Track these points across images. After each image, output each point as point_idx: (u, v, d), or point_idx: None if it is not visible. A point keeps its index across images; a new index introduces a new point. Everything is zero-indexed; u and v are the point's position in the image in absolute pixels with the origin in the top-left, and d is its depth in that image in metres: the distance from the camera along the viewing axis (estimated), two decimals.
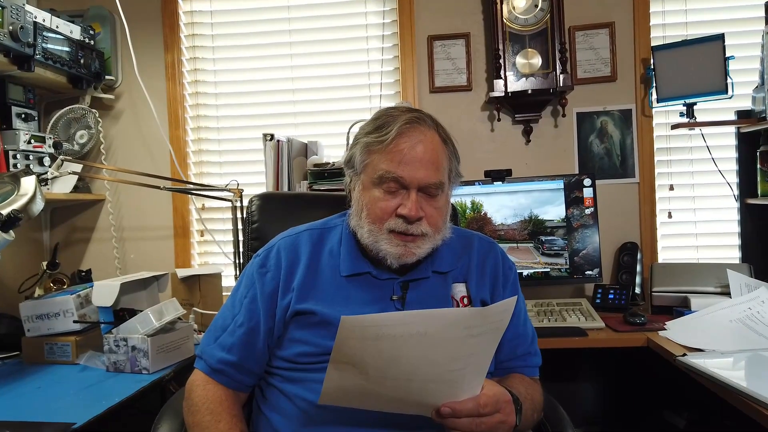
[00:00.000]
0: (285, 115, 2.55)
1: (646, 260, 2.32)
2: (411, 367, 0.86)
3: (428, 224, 1.09)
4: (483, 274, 1.20)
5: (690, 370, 1.47)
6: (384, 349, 0.84)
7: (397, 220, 1.08)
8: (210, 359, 1.14)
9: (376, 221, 1.10)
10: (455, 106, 2.44)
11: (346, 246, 1.17)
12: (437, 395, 0.89)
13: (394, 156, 1.08)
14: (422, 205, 1.08)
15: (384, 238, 1.09)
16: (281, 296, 1.13)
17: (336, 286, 1.14)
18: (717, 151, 2.31)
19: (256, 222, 1.51)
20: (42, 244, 2.53)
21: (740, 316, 1.73)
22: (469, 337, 0.84)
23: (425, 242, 1.10)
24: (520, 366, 1.19)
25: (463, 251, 1.22)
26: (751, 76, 2.22)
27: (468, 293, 1.17)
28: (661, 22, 2.37)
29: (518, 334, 1.19)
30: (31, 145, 2.08)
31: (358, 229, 1.14)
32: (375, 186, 1.10)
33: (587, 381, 2.36)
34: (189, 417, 1.11)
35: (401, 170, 1.07)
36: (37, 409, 1.40)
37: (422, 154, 1.08)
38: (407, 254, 1.09)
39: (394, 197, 1.09)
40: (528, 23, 2.30)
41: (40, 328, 1.80)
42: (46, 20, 2.06)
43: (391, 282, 1.14)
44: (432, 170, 1.09)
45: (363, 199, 1.13)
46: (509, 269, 1.25)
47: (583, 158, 2.40)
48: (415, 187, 1.08)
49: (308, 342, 1.10)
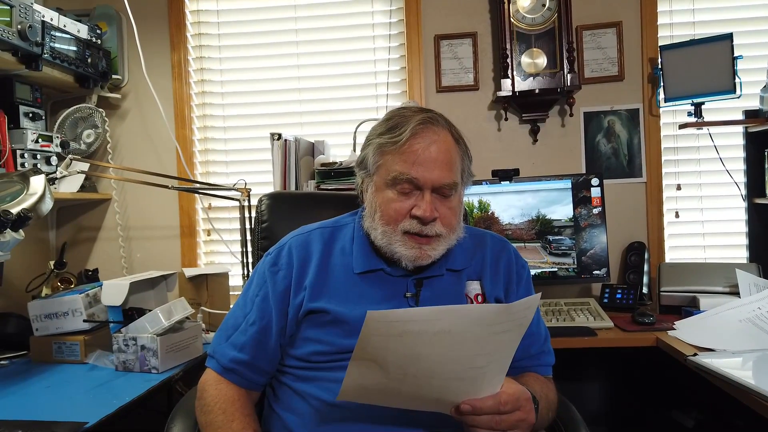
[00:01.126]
0: (291, 114, 2.55)
1: (654, 260, 2.31)
2: (433, 364, 0.85)
3: (442, 225, 1.09)
4: (497, 272, 1.20)
5: (701, 370, 1.46)
6: (408, 345, 0.83)
7: (412, 221, 1.08)
8: (222, 358, 1.13)
9: (391, 222, 1.09)
10: (462, 105, 2.44)
11: (359, 244, 1.17)
12: (458, 392, 0.89)
13: (408, 157, 1.07)
14: (436, 206, 1.08)
15: (398, 240, 1.09)
16: (293, 295, 1.13)
17: (349, 283, 1.13)
18: (724, 151, 2.31)
19: (265, 221, 1.51)
20: (49, 244, 2.53)
21: (749, 316, 1.72)
22: (492, 334, 0.84)
23: (440, 243, 1.10)
24: (535, 365, 1.19)
25: (476, 249, 1.22)
26: (759, 75, 2.22)
27: (482, 291, 1.16)
28: (669, 22, 2.37)
29: (532, 333, 1.18)
30: (38, 145, 2.08)
31: (372, 230, 1.13)
32: (389, 187, 1.10)
33: (595, 380, 2.36)
34: (202, 416, 1.10)
35: (415, 171, 1.07)
36: (47, 409, 1.40)
37: (436, 155, 1.08)
38: (422, 257, 1.09)
39: (408, 198, 1.09)
40: (535, 22, 2.29)
41: (49, 328, 1.80)
42: (53, 19, 2.06)
43: (405, 279, 1.14)
44: (446, 171, 1.09)
45: (376, 201, 1.12)
46: (522, 268, 1.24)
47: (591, 158, 2.40)
48: (429, 188, 1.07)
49: (321, 341, 1.10)
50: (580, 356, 2.14)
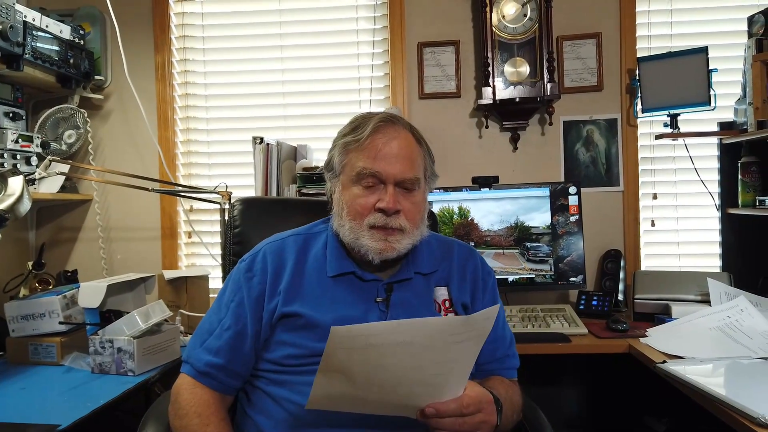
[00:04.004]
0: (275, 118, 2.56)
1: (630, 267, 2.35)
2: (397, 373, 0.88)
3: (406, 219, 1.13)
4: (463, 278, 1.23)
5: (668, 377, 1.50)
6: (372, 357, 0.86)
7: (377, 214, 1.12)
8: (197, 363, 1.14)
9: (357, 217, 1.14)
10: (444, 112, 2.47)
11: (332, 248, 1.20)
12: (422, 398, 0.92)
13: (370, 152, 1.13)
14: (399, 200, 1.13)
15: (365, 234, 1.13)
16: (268, 300, 1.15)
17: (321, 288, 1.16)
18: (699, 162, 2.35)
19: (238, 226, 1.49)
20: (28, 244, 2.51)
21: (719, 324, 1.77)
22: (453, 344, 0.87)
23: (404, 237, 1.13)
24: (499, 368, 1.22)
25: (444, 257, 1.25)
26: (733, 88, 2.27)
27: (450, 296, 1.20)
28: (647, 34, 2.41)
29: (497, 338, 1.22)
30: (18, 145, 2.07)
31: (340, 228, 1.17)
32: (354, 184, 1.15)
33: (569, 386, 2.39)
34: (176, 420, 1.11)
35: (377, 165, 1.12)
36: (21, 411, 1.40)
37: (398, 150, 1.14)
38: (387, 249, 1.12)
39: (373, 193, 1.13)
40: (517, 32, 2.33)
41: (25, 329, 1.80)
42: (35, 19, 2.05)
43: (376, 284, 1.17)
44: (407, 165, 1.14)
45: (343, 199, 1.17)
46: (488, 275, 1.28)
47: (569, 166, 2.43)
48: (392, 181, 1.13)
49: (295, 344, 1.11)
50: (555, 362, 2.18)
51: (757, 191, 2.14)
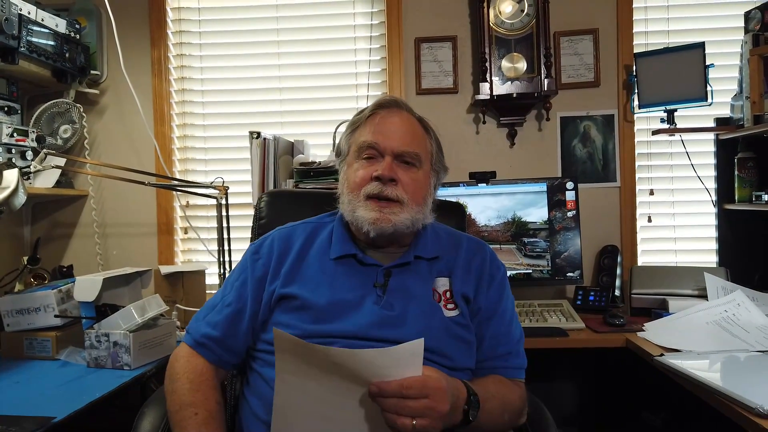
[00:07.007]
0: (272, 113, 2.55)
1: (626, 263, 2.35)
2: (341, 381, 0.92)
3: (404, 190, 1.14)
4: (468, 271, 1.21)
5: (667, 370, 1.50)
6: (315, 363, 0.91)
7: (373, 183, 1.14)
8: (195, 333, 1.18)
9: (355, 189, 1.16)
10: (441, 108, 2.46)
11: (337, 232, 1.23)
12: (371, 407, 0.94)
13: (370, 127, 1.18)
14: (397, 171, 1.14)
15: (361, 205, 1.14)
16: (269, 282, 1.18)
17: (322, 271, 1.17)
18: (696, 157, 2.36)
19: (263, 218, 1.52)
20: (23, 239, 2.50)
21: (716, 318, 1.77)
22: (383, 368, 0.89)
23: (402, 210, 1.13)
24: (501, 366, 1.17)
25: (451, 248, 1.24)
26: (730, 84, 2.27)
27: (450, 287, 1.18)
28: (644, 30, 2.42)
29: (499, 333, 1.19)
30: (13, 139, 2.06)
31: (342, 205, 1.20)
32: (356, 160, 1.18)
33: (567, 381, 2.39)
34: (169, 384, 1.14)
35: (375, 137, 1.16)
36: (15, 404, 1.39)
37: (398, 125, 1.17)
38: (382, 219, 1.12)
39: (372, 165, 1.16)
40: (514, 28, 2.33)
41: (20, 323, 1.78)
42: (31, 13, 2.04)
43: (375, 269, 1.17)
44: (407, 139, 1.16)
45: (346, 175, 1.20)
46: (497, 269, 1.25)
47: (566, 162, 2.43)
48: (390, 153, 1.15)
49: (290, 325, 1.12)
50: (552, 357, 2.17)
51: (753, 187, 2.14)
